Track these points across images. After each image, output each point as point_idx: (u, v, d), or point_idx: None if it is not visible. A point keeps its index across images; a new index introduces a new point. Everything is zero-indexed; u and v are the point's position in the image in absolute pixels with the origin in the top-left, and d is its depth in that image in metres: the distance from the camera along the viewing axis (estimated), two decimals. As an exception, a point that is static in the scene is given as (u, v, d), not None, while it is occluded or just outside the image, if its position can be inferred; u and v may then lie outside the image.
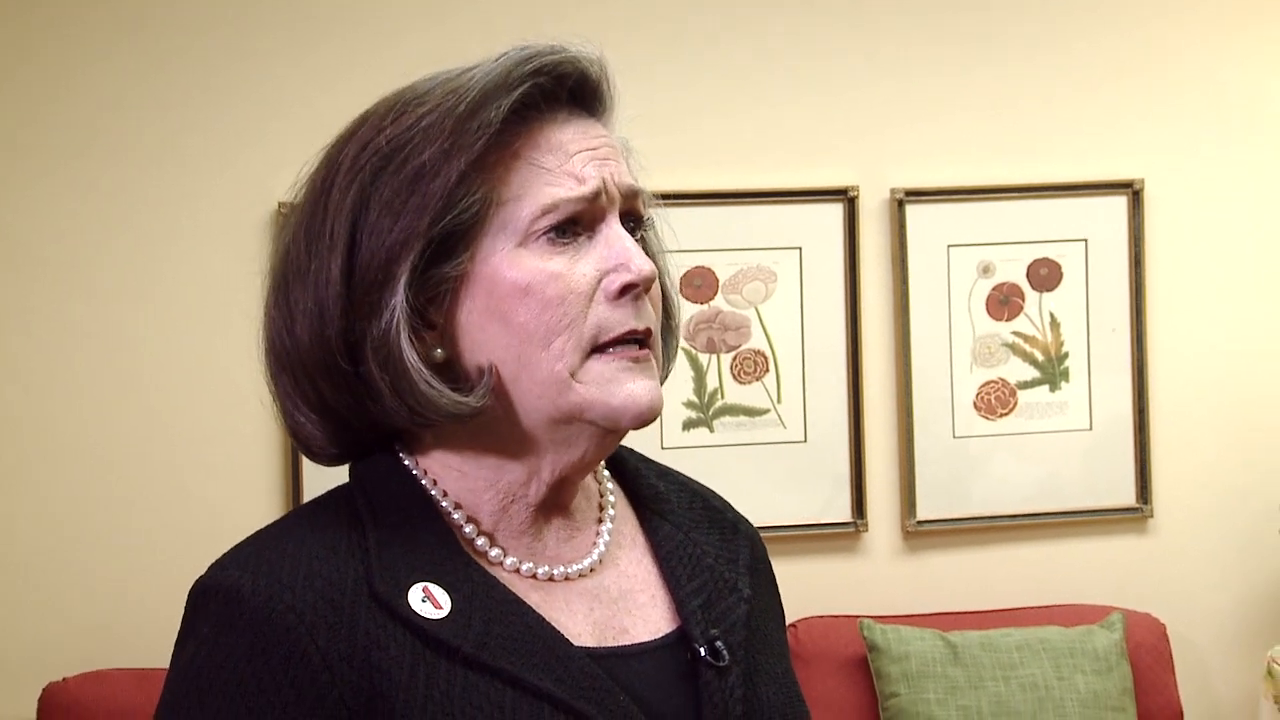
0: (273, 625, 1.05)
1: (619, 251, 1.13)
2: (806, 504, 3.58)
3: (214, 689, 1.05)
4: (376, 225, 1.11)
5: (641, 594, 1.20)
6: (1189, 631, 3.69)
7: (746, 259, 3.53)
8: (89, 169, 3.33)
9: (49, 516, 3.31)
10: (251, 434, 3.36)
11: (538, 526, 1.17)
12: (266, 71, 3.39)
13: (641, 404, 1.13)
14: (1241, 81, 3.74)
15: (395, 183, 1.11)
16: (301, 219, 1.16)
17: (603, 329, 1.12)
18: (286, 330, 1.15)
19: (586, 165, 1.13)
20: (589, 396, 1.12)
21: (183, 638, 1.10)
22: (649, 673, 1.15)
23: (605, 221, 1.14)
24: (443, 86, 1.14)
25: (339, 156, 1.15)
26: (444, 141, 1.10)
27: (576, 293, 1.12)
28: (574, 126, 1.15)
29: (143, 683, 3.12)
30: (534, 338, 1.11)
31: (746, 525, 1.32)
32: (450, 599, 1.09)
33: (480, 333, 1.12)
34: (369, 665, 1.05)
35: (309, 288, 1.13)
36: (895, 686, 3.28)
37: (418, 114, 1.12)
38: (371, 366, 1.11)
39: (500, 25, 3.40)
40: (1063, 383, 3.66)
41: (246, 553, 1.12)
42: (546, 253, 1.12)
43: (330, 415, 1.16)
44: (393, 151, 1.12)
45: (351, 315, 1.11)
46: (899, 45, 3.62)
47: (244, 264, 3.37)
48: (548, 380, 1.12)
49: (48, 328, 3.32)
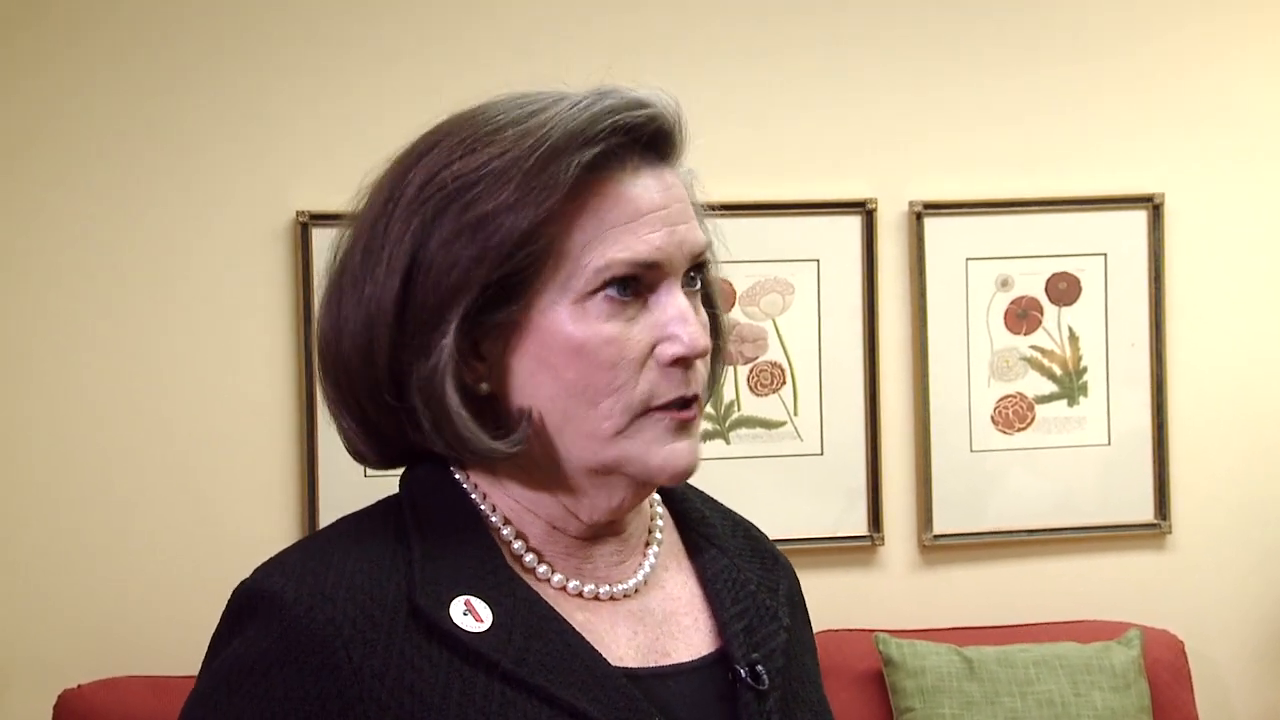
0: (310, 636, 1.05)
1: (675, 320, 1.13)
2: (822, 517, 3.57)
3: (244, 690, 1.06)
4: (434, 263, 1.10)
5: (685, 616, 1.20)
6: (1207, 648, 3.66)
7: (764, 271, 3.53)
8: (106, 177, 3.33)
9: (64, 524, 3.32)
10: (268, 443, 3.37)
11: (587, 549, 1.18)
12: (284, 81, 3.40)
13: (679, 465, 1.14)
14: (1262, 96, 3.73)
15: (457, 225, 1.10)
16: (361, 234, 1.15)
17: (653, 396, 1.13)
18: (335, 341, 1.16)
19: (655, 230, 1.13)
20: (630, 453, 1.13)
21: (222, 635, 1.11)
22: (688, 693, 1.15)
23: (665, 286, 1.14)
24: (516, 127, 1.11)
25: (405, 180, 1.13)
26: (511, 193, 1.09)
27: (629, 359, 1.12)
28: (645, 178, 1.14)
29: (157, 690, 3.12)
30: (583, 396, 1.12)
31: (785, 559, 1.33)
32: (492, 613, 1.10)
33: (529, 378, 1.13)
34: (400, 684, 1.05)
35: (361, 310, 1.13)
36: (910, 701, 3.27)
37: (488, 154, 1.10)
38: (416, 401, 1.12)
39: (523, 39, 3.41)
40: (1081, 397, 3.64)
41: (293, 560, 1.12)
42: (603, 313, 1.11)
43: (372, 430, 1.17)
44: (458, 191, 1.10)
45: (400, 347, 1.12)
46: (917, 58, 3.62)
47: (261, 272, 3.39)
48: (593, 434, 1.12)
49: (64, 335, 3.32)
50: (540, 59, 3.31)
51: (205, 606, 1.72)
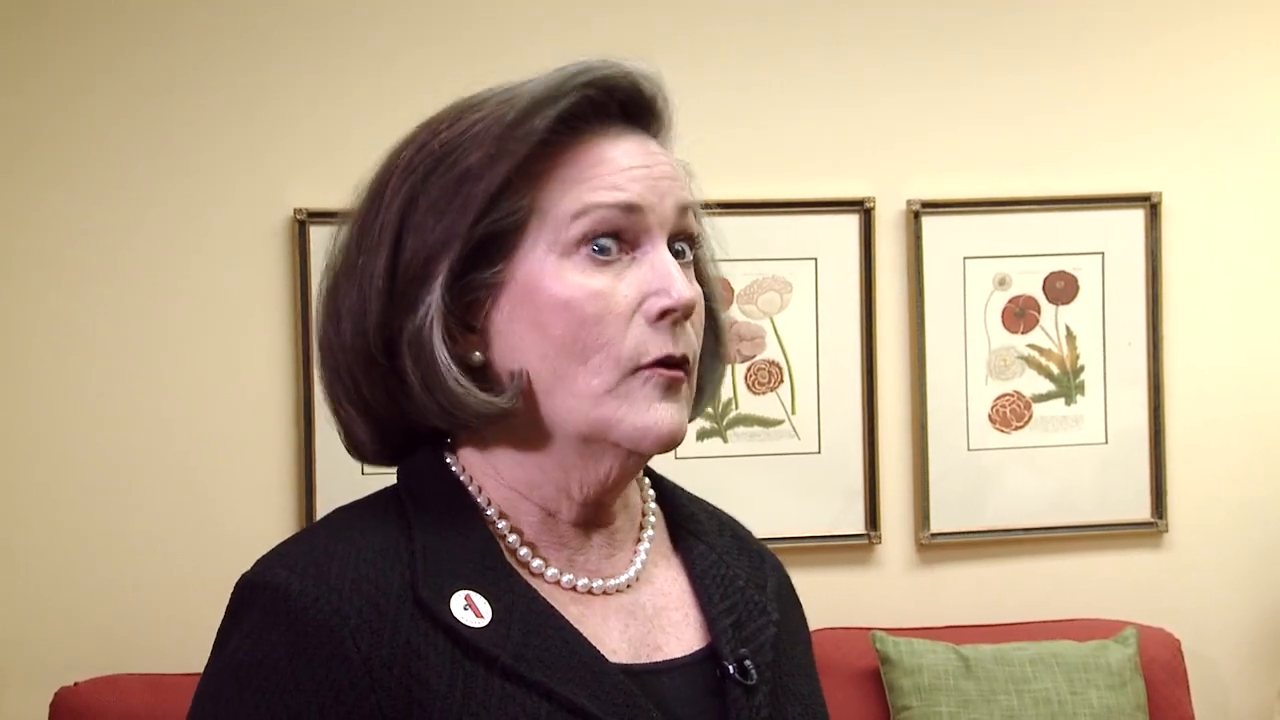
0: (317, 627, 1.06)
1: (661, 275, 1.13)
2: (820, 515, 3.57)
3: (253, 684, 1.06)
4: (421, 224, 1.13)
5: (675, 611, 1.21)
6: (1203, 647, 3.67)
7: (762, 269, 3.53)
8: (104, 176, 3.33)
9: (61, 521, 3.32)
10: (266, 440, 3.37)
11: (580, 539, 1.19)
12: (282, 79, 3.40)
13: (663, 429, 1.13)
14: (1261, 94, 3.73)
15: (442, 184, 1.13)
16: (356, 218, 1.18)
17: (640, 351, 1.12)
18: (334, 327, 1.17)
19: (636, 180, 1.14)
20: (618, 413, 1.13)
21: (226, 630, 1.11)
22: (679, 689, 1.16)
23: (651, 242, 1.15)
24: (498, 96, 1.16)
25: (396, 159, 1.17)
26: (490, 146, 1.12)
27: (616, 313, 1.12)
28: (628, 142, 1.16)
29: (154, 688, 3.12)
30: (571, 352, 1.12)
31: (771, 556, 1.34)
32: (491, 608, 1.10)
33: (516, 339, 1.14)
34: (408, 673, 1.06)
35: (354, 284, 1.15)
36: (907, 699, 3.27)
37: (471, 119, 1.14)
38: (405, 361, 1.13)
39: (520, 37, 3.41)
40: (1078, 396, 3.65)
41: (296, 552, 1.13)
42: (588, 269, 1.12)
43: (369, 412, 1.18)
44: (444, 154, 1.13)
45: (390, 310, 1.13)
46: (916, 57, 3.62)
47: (259, 270, 3.39)
48: (583, 393, 1.12)
49: (62, 333, 3.32)
50: (539, 58, 3.29)
51: (203, 604, 1.72)
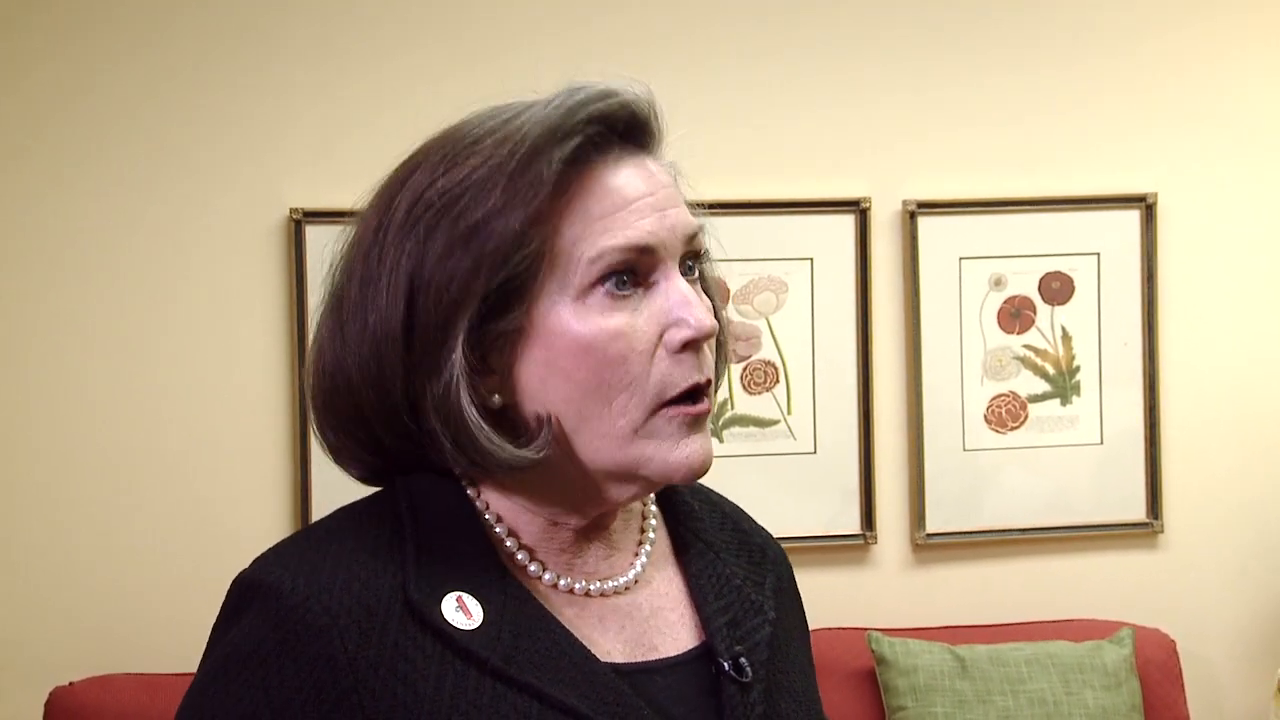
0: (306, 626, 1.06)
1: (678, 304, 1.13)
2: (815, 515, 3.57)
3: (241, 679, 1.07)
4: (433, 281, 1.11)
5: (671, 611, 1.22)
6: (1199, 648, 3.67)
7: (758, 269, 3.53)
8: (100, 175, 3.33)
9: (56, 520, 3.31)
10: (261, 440, 3.36)
11: (580, 545, 1.19)
12: (278, 79, 3.39)
13: (695, 464, 1.15)
14: (1255, 95, 3.73)
15: (450, 238, 1.11)
16: (356, 260, 1.16)
17: (666, 385, 1.13)
18: (339, 370, 1.16)
19: (645, 217, 1.13)
20: (648, 453, 1.13)
21: (222, 626, 1.12)
22: (674, 687, 1.16)
23: (664, 271, 1.14)
24: (494, 133, 1.12)
25: (392, 206, 1.14)
26: (497, 198, 1.10)
27: (638, 351, 1.12)
28: (627, 167, 1.15)
29: (149, 688, 3.12)
30: (596, 394, 1.12)
31: (775, 549, 1.34)
32: (483, 610, 1.11)
33: (540, 384, 1.13)
34: (395, 675, 1.06)
35: (368, 340, 1.13)
36: (903, 700, 3.27)
37: (470, 165, 1.12)
38: (433, 423, 1.12)
39: (515, 37, 3.40)
40: (1074, 396, 3.65)
41: (292, 551, 1.14)
42: (606, 307, 1.12)
43: (383, 455, 1.18)
44: (445, 206, 1.11)
45: (411, 370, 1.12)
46: (912, 57, 3.62)
47: (254, 269, 3.39)
48: (610, 434, 1.13)
49: (58, 332, 3.32)
50: (536, 58, 3.31)
51: (198, 604, 1.72)
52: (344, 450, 1.20)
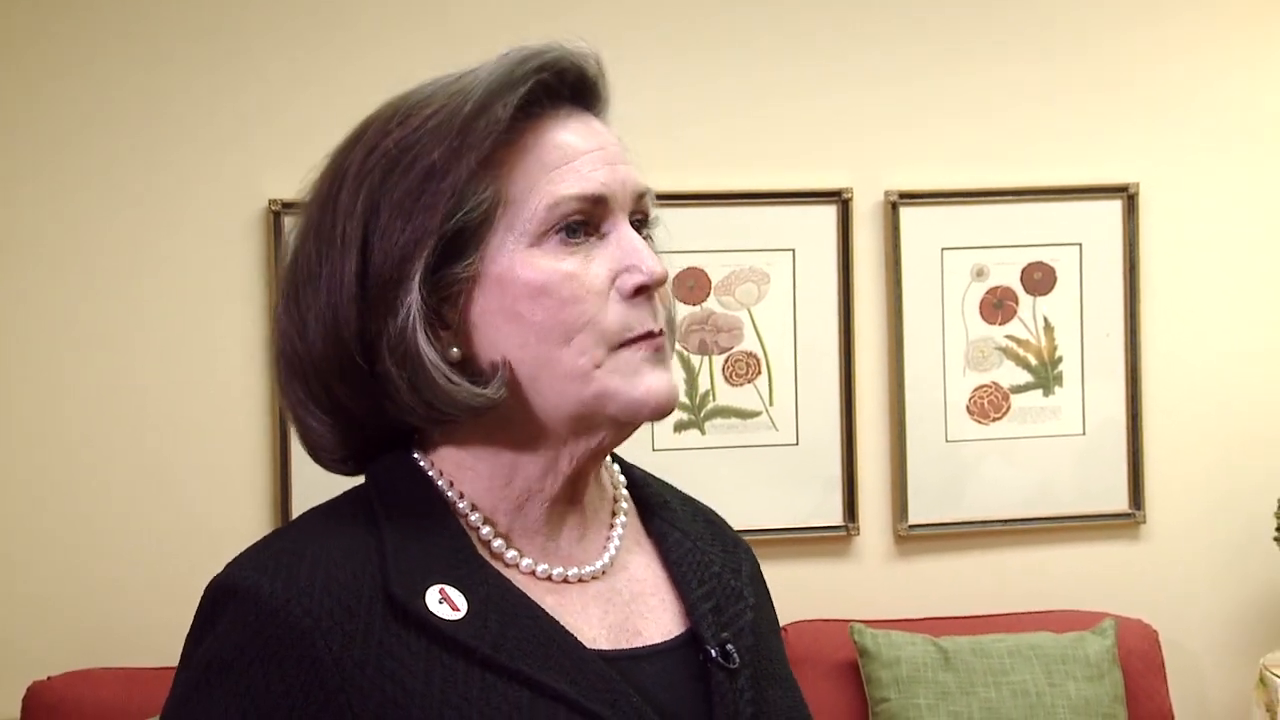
0: (288, 629, 1.05)
1: (630, 251, 1.14)
2: (798, 507, 3.57)
3: (224, 686, 1.06)
4: (388, 226, 1.12)
5: (652, 597, 1.21)
6: (1181, 638, 3.68)
7: (739, 260, 3.52)
8: (78, 166, 3.31)
9: (35, 515, 3.30)
10: (241, 434, 3.35)
11: (553, 525, 1.19)
12: (257, 70, 3.38)
13: (661, 395, 1.15)
14: (1236, 86, 3.74)
15: (405, 184, 1.12)
16: (309, 226, 1.16)
17: (624, 328, 1.13)
18: (299, 335, 1.16)
19: (596, 168, 1.15)
20: (611, 386, 1.13)
21: (196, 634, 1.10)
22: (661, 674, 1.16)
23: (614, 222, 1.15)
24: (446, 89, 1.15)
25: (345, 162, 1.16)
26: (452, 140, 1.11)
27: (592, 291, 1.13)
28: (576, 123, 1.17)
29: (128, 682, 3.11)
30: (552, 336, 1.12)
31: (744, 542, 1.34)
32: (467, 601, 1.10)
33: (495, 331, 1.13)
34: (381, 672, 1.05)
35: (321, 292, 1.14)
36: (886, 691, 3.27)
37: (423, 115, 1.13)
38: (389, 365, 1.12)
39: (493, 25, 3.39)
40: (1056, 387, 3.65)
41: (266, 554, 1.12)
42: (558, 253, 1.13)
43: (343, 417, 1.17)
44: (400, 153, 1.12)
45: (367, 315, 1.12)
46: (893, 48, 3.61)
47: (234, 262, 3.37)
48: (570, 374, 1.13)
49: (35, 325, 3.30)
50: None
51: (176, 598, 1.71)
52: (310, 429, 1.19)
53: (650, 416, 1.15)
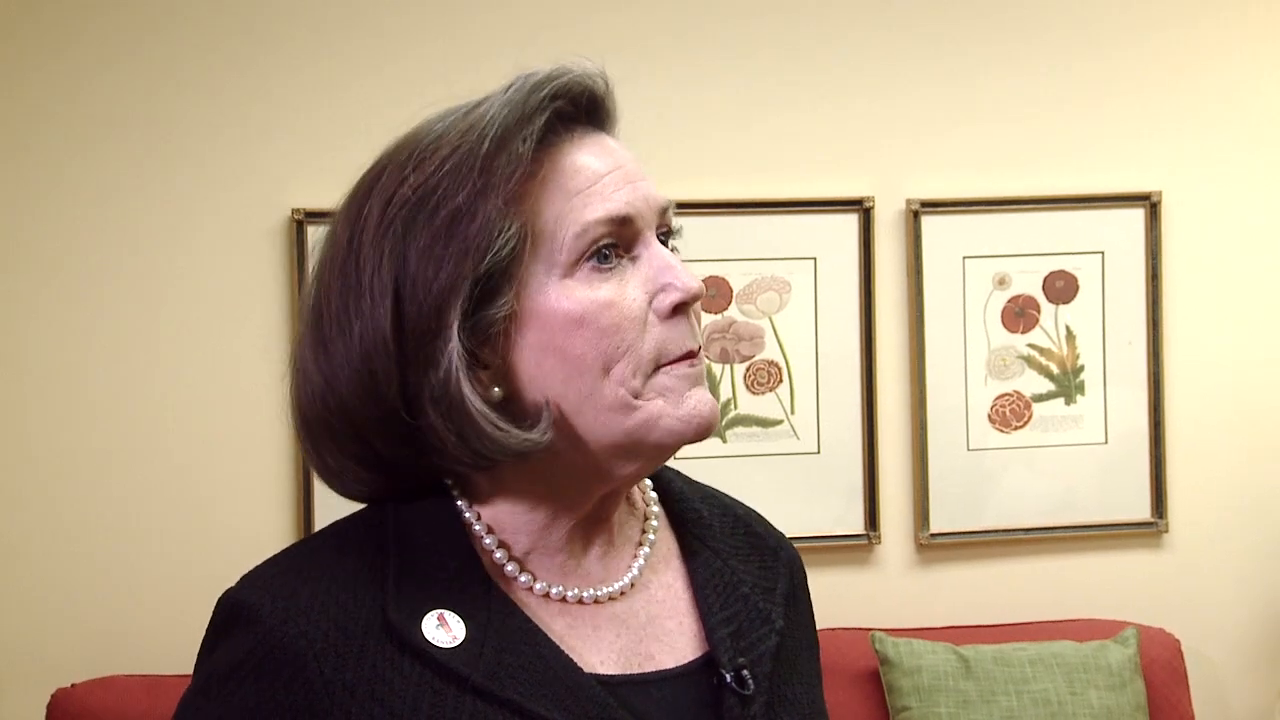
0: (283, 649, 1.06)
1: (664, 269, 1.13)
2: (819, 515, 3.56)
3: (219, 699, 1.08)
4: (419, 276, 1.10)
5: (669, 620, 1.20)
6: (1204, 647, 3.66)
7: (761, 269, 3.52)
8: (101, 175, 3.32)
9: (59, 522, 3.31)
10: (263, 442, 3.36)
11: (576, 544, 1.18)
12: (280, 78, 3.39)
13: (704, 416, 1.14)
14: (1261, 93, 3.73)
15: (431, 230, 1.10)
16: (331, 276, 1.14)
17: (661, 352, 1.12)
18: (328, 389, 1.14)
19: (618, 188, 1.13)
20: (654, 413, 1.12)
21: (207, 644, 1.12)
22: (670, 700, 1.15)
23: (643, 241, 1.14)
24: (456, 126, 1.13)
25: (363, 211, 1.13)
26: (475, 181, 1.10)
27: (630, 318, 1.12)
28: (592, 144, 1.15)
29: (151, 690, 3.11)
30: (594, 367, 1.11)
31: (789, 551, 1.32)
32: (465, 626, 1.10)
33: (537, 368, 1.12)
34: (372, 697, 1.06)
35: (354, 346, 1.12)
36: (907, 700, 3.27)
37: (440, 157, 1.11)
38: (433, 417, 1.10)
39: (512, 36, 3.40)
40: (1078, 396, 3.64)
41: (272, 573, 1.13)
42: (593, 281, 1.11)
43: (381, 468, 1.16)
44: (421, 200, 1.10)
45: (406, 368, 1.10)
46: (915, 56, 3.61)
47: (256, 271, 3.38)
48: (612, 406, 1.12)
49: (59, 333, 3.31)
50: (535, 58, 3.29)
51: (200, 606, 1.71)
52: (344, 472, 1.17)
53: (694, 438, 1.14)
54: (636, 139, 1.21)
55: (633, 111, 1.22)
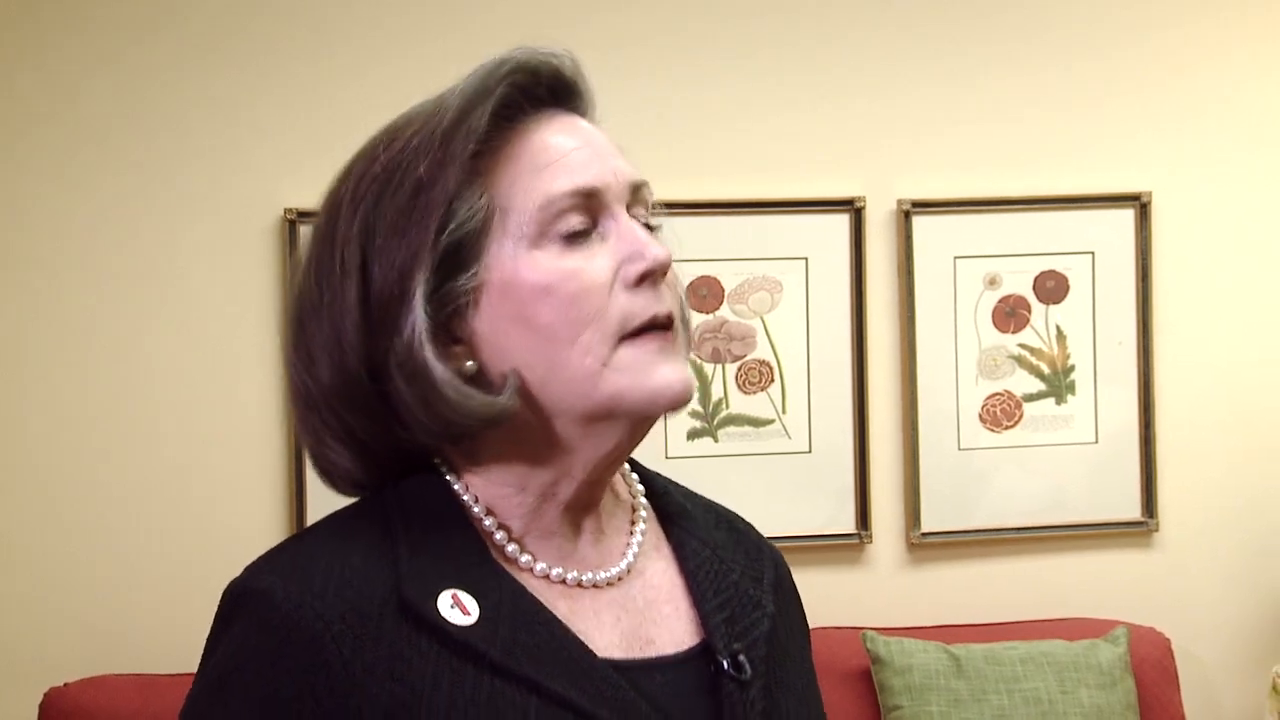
0: (300, 631, 1.06)
1: (631, 240, 1.15)
2: (811, 515, 3.57)
3: (236, 689, 1.07)
4: (385, 247, 1.12)
5: (666, 605, 1.21)
6: (1194, 646, 3.67)
7: (752, 269, 3.53)
8: (93, 175, 3.32)
9: (52, 521, 3.31)
10: (256, 440, 3.36)
11: (568, 528, 1.19)
12: (273, 78, 3.39)
13: (676, 387, 1.14)
14: (1250, 94, 3.74)
15: (396, 202, 1.13)
16: (310, 260, 1.17)
17: (628, 317, 1.13)
18: (307, 371, 1.16)
19: (585, 161, 1.15)
20: (623, 384, 1.13)
21: (215, 637, 1.12)
22: (672, 684, 1.16)
23: (612, 215, 1.15)
24: (425, 109, 1.16)
25: (339, 193, 1.17)
26: (435, 153, 1.12)
27: (597, 285, 1.13)
28: (561, 123, 1.17)
29: (145, 689, 3.11)
30: (560, 336, 1.12)
31: (770, 548, 1.34)
32: (479, 606, 1.10)
33: (505, 338, 1.13)
34: (391, 676, 1.06)
35: (324, 322, 1.14)
36: (898, 699, 3.27)
37: (406, 136, 1.14)
38: (398, 383, 1.12)
39: (506, 34, 3.36)
40: (1069, 395, 3.65)
41: (282, 558, 1.13)
42: (560, 252, 1.13)
43: (359, 447, 1.18)
44: (389, 175, 1.13)
45: (371, 338, 1.12)
46: (906, 57, 3.62)
47: (250, 269, 3.38)
48: (579, 375, 1.12)
49: (52, 333, 3.31)
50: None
51: (193, 604, 1.72)
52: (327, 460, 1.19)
53: (667, 408, 1.15)
54: (630, 139, 1.22)
55: (626, 112, 1.23)
